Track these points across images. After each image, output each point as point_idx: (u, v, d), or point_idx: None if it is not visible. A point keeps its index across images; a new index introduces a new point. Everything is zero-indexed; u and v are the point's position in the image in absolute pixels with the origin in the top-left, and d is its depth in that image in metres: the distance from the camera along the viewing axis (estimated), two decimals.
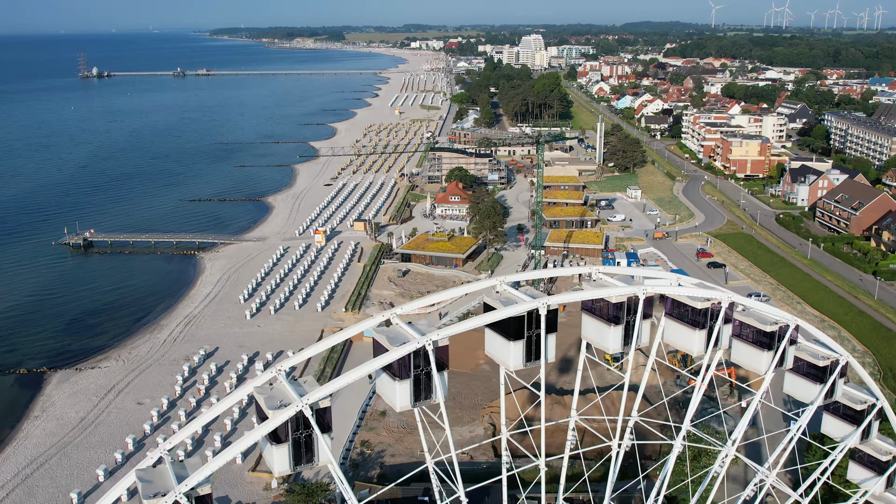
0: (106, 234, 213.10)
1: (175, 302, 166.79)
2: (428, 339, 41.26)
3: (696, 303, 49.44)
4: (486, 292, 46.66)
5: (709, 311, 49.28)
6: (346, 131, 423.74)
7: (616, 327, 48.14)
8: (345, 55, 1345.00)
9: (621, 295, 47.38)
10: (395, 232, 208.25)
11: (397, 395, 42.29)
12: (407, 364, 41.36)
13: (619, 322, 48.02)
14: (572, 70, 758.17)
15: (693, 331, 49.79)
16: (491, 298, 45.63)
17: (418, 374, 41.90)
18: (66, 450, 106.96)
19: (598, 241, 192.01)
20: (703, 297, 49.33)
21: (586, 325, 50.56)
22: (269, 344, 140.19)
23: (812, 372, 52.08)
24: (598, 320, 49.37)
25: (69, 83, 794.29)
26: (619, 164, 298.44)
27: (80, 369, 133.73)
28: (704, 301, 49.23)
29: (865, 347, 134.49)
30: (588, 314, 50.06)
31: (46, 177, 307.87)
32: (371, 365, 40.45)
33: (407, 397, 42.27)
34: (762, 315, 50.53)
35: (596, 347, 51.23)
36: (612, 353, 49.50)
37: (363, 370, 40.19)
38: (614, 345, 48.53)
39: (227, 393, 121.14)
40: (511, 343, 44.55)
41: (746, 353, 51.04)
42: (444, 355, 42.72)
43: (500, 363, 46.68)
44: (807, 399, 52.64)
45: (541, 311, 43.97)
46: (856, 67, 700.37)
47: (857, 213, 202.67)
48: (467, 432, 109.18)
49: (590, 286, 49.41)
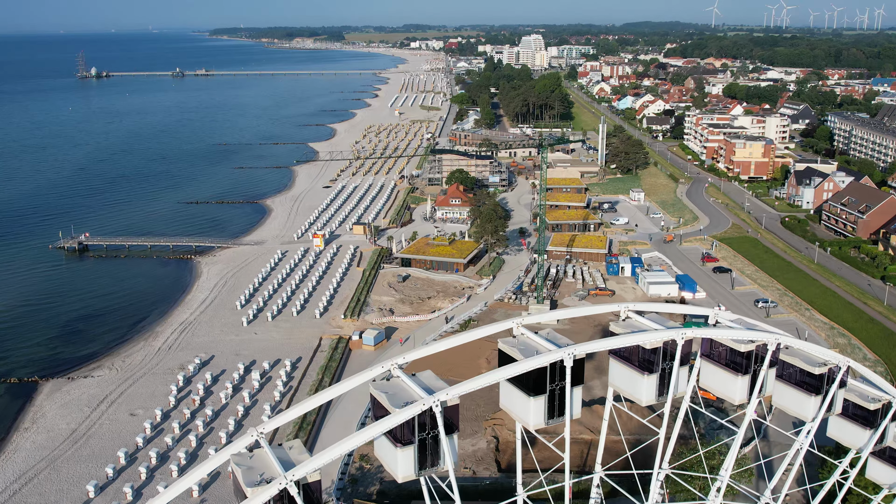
0: (101, 238, 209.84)
1: (170, 308, 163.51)
2: (435, 400, 36.39)
3: (738, 345, 43.98)
4: (501, 338, 41.62)
5: (753, 355, 43.80)
6: (345, 132, 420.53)
7: (650, 376, 42.82)
8: (344, 55, 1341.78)
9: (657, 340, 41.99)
10: (395, 235, 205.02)
11: (399, 464, 37.07)
12: (411, 427, 36.40)
13: (654, 370, 42.66)
14: (573, 70, 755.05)
15: (735, 376, 44.23)
16: (507, 346, 40.71)
17: (424, 438, 36.85)
18: (55, 464, 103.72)
19: (601, 246, 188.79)
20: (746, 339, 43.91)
21: (615, 371, 45.09)
22: (265, 352, 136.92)
23: (861, 415, 47.14)
24: (628, 367, 43.93)
25: (67, 83, 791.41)
26: (622, 165, 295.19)
27: (72, 378, 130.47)
28: (748, 343, 43.72)
29: (877, 356, 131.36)
30: (616, 359, 44.64)
31: (43, 179, 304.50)
32: (372, 430, 35.68)
33: (410, 466, 37.15)
34: (809, 355, 45.40)
35: (625, 397, 45.74)
36: (645, 403, 44.04)
37: (360, 438, 35.51)
38: (648, 396, 43.36)
39: (223, 403, 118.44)
40: (531, 399, 39.67)
41: (791, 397, 45.86)
42: (454, 415, 38.02)
43: (518, 420, 41.71)
44: (855, 445, 47.85)
45: (566, 363, 39.12)
46: (857, 68, 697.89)
47: (865, 216, 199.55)
48: (469, 446, 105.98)
49: (619, 327, 44.39)
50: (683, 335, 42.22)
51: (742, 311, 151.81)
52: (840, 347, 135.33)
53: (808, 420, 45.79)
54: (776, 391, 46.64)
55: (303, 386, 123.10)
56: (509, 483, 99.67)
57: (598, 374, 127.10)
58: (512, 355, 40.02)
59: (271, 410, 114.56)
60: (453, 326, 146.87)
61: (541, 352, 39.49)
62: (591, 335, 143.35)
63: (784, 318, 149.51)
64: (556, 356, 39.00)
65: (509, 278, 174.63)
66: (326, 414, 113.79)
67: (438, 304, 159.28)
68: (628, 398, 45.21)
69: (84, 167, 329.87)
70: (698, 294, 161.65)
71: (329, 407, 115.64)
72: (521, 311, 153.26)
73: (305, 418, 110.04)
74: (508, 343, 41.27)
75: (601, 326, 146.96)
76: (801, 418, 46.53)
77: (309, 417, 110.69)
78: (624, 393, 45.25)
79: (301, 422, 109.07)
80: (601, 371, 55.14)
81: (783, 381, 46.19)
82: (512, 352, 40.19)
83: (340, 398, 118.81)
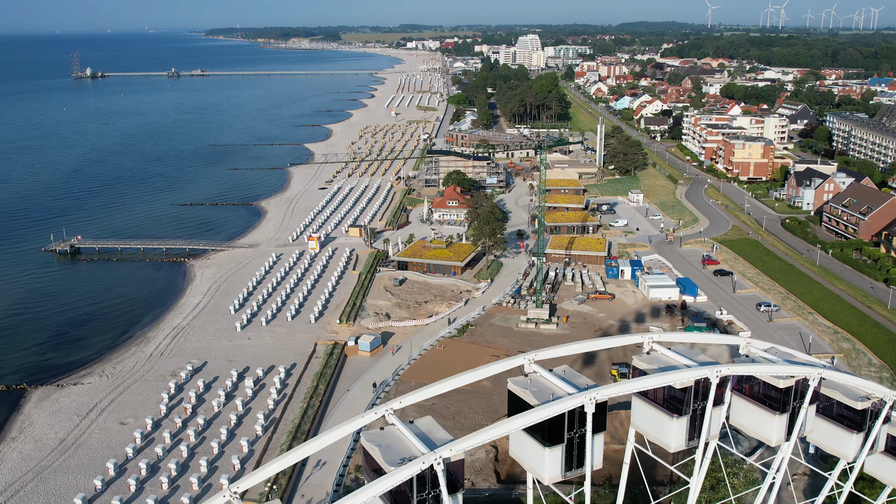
0: (93, 241, 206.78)
1: (163, 312, 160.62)
2: (437, 457, 32.30)
3: (776, 379, 39.60)
4: (511, 378, 37.08)
5: (793, 391, 39.52)
6: (341, 133, 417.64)
7: (680, 419, 38.15)
8: (340, 55, 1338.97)
9: (688, 379, 37.34)
10: (392, 238, 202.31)
11: None
12: (409, 488, 32.35)
13: (685, 412, 37.95)
14: (569, 70, 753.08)
15: (772, 415, 39.69)
16: (519, 387, 36.18)
17: (424, 499, 32.87)
18: (43, 475, 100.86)
19: (600, 248, 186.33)
20: (785, 374, 39.60)
21: (638, 411, 40.45)
22: (259, 358, 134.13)
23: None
24: (654, 408, 39.15)
25: (62, 84, 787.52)
26: (620, 166, 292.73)
27: (61, 385, 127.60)
28: (787, 378, 39.54)
29: (882, 361, 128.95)
30: (640, 399, 40.13)
31: (37, 180, 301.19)
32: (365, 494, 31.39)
33: None
34: (850, 388, 41.51)
35: (650, 441, 40.94)
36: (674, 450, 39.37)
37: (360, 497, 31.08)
38: (677, 441, 38.76)
39: (216, 412, 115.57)
40: (546, 449, 35.34)
41: (829, 434, 41.77)
42: (459, 471, 34.40)
43: (530, 472, 37.28)
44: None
45: (587, 408, 34.71)
46: (854, 67, 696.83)
47: (866, 217, 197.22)
48: (467, 456, 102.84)
49: (643, 361, 39.72)
50: (718, 372, 37.79)
51: (744, 315, 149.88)
52: (844, 352, 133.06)
53: (847, 459, 41.85)
54: (813, 428, 42.68)
55: (297, 394, 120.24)
56: (509, 495, 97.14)
57: (599, 380, 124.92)
58: (525, 399, 35.70)
59: (264, 419, 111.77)
60: (451, 332, 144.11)
61: (557, 394, 35.20)
62: (590, 339, 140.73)
63: (787, 322, 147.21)
64: (575, 402, 34.65)
65: (507, 282, 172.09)
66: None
67: (435, 308, 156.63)
68: (654, 441, 40.72)
69: (78, 169, 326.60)
70: (699, 298, 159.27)
71: (321, 421, 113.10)
72: (520, 316, 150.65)
73: (298, 430, 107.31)
74: (520, 384, 36.73)
75: (601, 330, 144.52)
76: (840, 457, 42.65)
77: (303, 428, 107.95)
78: (649, 436, 40.68)
79: (291, 441, 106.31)
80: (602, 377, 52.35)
81: (820, 416, 42.37)
82: (524, 394, 35.82)
83: (332, 410, 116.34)
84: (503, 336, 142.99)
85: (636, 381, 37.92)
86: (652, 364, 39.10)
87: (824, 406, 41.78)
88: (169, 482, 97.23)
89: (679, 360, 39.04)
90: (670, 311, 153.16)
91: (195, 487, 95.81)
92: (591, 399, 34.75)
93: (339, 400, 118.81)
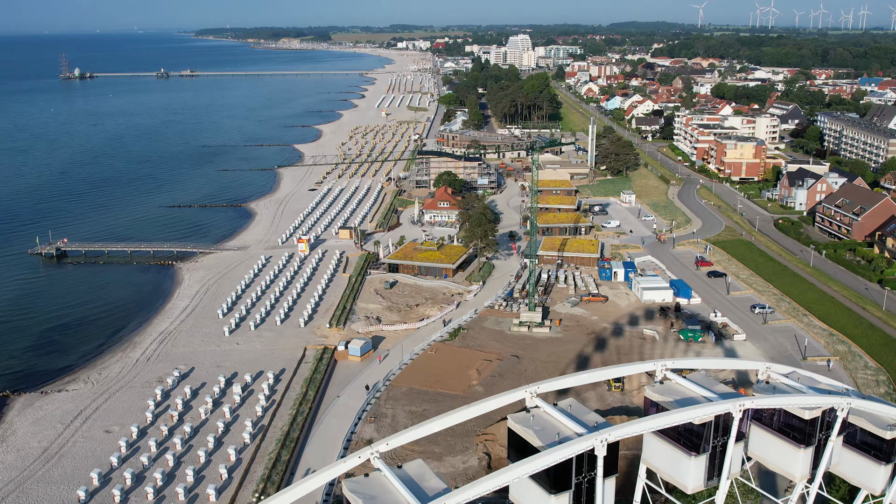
0: (80, 244, 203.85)
1: (150, 317, 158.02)
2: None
3: (801, 410, 36.40)
4: (512, 416, 33.58)
5: (819, 422, 36.27)
6: (331, 133, 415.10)
7: (698, 458, 34.86)
8: (331, 55, 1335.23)
9: (709, 414, 33.85)
10: (382, 240, 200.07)
11: None
12: None
13: (704, 449, 34.57)
14: (560, 70, 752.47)
15: (797, 449, 36.49)
16: (520, 425, 32.95)
17: None
18: (25, 486, 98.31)
19: (593, 250, 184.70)
20: (814, 405, 36.22)
21: (651, 447, 37.10)
22: (248, 364, 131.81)
23: None
24: (670, 444, 35.70)
25: (50, 84, 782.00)
26: (612, 167, 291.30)
27: (45, 392, 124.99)
28: (814, 408, 36.33)
29: (878, 364, 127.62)
30: (654, 434, 36.76)
31: (23, 182, 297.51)
32: None
33: None
34: (878, 416, 38.32)
35: (664, 479, 37.58)
36: (692, 491, 36.02)
37: None
38: (695, 481, 35.60)
39: (203, 419, 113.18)
40: (552, 497, 32.04)
41: (855, 465, 38.63)
42: None
43: None
44: None
45: (598, 451, 31.37)
46: (844, 67, 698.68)
47: (859, 218, 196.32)
48: (460, 463, 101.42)
49: (657, 392, 36.02)
50: (741, 406, 34.44)
51: (738, 317, 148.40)
52: (840, 355, 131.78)
53: (874, 492, 38.92)
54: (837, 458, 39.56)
55: (286, 400, 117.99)
56: (503, 503, 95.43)
57: (593, 385, 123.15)
58: (527, 439, 32.34)
59: (252, 426, 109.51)
60: (442, 335, 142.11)
61: (563, 434, 31.99)
62: (584, 344, 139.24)
63: (782, 325, 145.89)
64: (584, 445, 31.31)
65: (499, 284, 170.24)
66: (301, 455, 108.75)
67: (427, 311, 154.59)
68: (669, 481, 37.45)
69: (65, 170, 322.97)
70: (693, 300, 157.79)
71: (310, 429, 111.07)
72: (513, 319, 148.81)
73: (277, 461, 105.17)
74: (521, 421, 33.48)
75: (595, 334, 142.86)
76: (865, 489, 39.85)
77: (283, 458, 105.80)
78: (663, 475, 37.43)
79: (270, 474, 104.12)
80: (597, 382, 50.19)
81: (846, 446, 39.22)
82: (527, 434, 32.44)
83: (322, 417, 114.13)
84: (495, 340, 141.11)
85: (654, 419, 34.49)
86: (666, 395, 35.93)
87: (848, 434, 38.97)
88: (154, 493, 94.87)
89: (696, 390, 35.87)
90: (664, 313, 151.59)
91: (181, 498, 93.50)
92: (602, 441, 31.44)
93: (329, 406, 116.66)
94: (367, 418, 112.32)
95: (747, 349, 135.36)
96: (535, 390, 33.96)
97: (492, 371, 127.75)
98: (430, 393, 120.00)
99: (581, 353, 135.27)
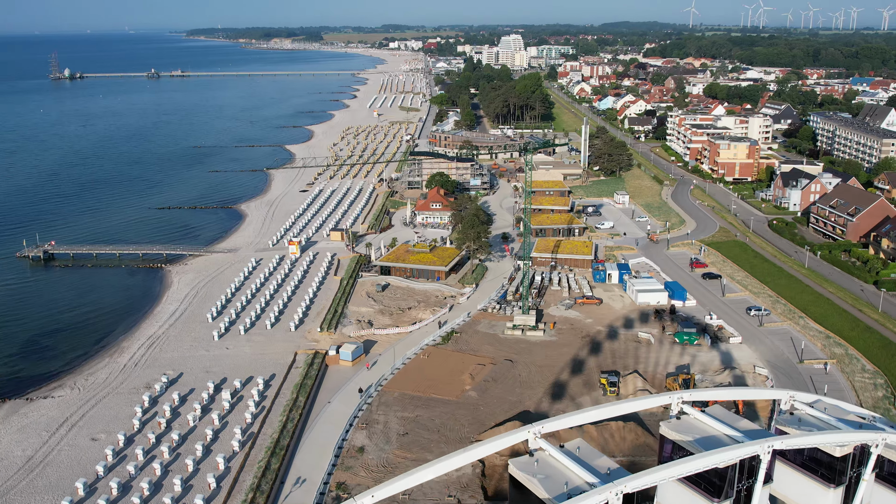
0: (68, 246, 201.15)
1: (138, 321, 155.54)
2: None
3: (832, 448, 33.26)
4: (514, 460, 30.19)
5: (850, 458, 33.26)
6: (323, 134, 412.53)
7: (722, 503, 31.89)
8: (322, 56, 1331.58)
9: (734, 458, 30.51)
10: (374, 242, 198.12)
11: None
12: None
13: (727, 495, 31.54)
14: (552, 70, 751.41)
15: (826, 489, 33.68)
16: (524, 472, 29.82)
17: None
18: (8, 497, 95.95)
19: (587, 252, 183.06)
20: (846, 442, 33.25)
21: (667, 493, 33.84)
22: (237, 369, 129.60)
23: None
24: (688, 489, 32.52)
25: (40, 85, 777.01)
26: (605, 167, 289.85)
27: (31, 399, 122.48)
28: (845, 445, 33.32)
29: (875, 367, 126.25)
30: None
31: (12, 184, 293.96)
32: None
33: None
34: None
35: None
36: None
37: None
38: None
39: (191, 426, 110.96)
40: None
41: (884, 500, 35.76)
42: None
43: None
44: None
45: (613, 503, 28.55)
46: (835, 67, 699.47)
47: (854, 218, 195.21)
48: (453, 471, 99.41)
49: (673, 429, 32.41)
50: (770, 447, 31.09)
51: (734, 320, 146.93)
52: (837, 358, 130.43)
53: None
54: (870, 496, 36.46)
55: (276, 406, 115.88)
56: None
57: (588, 388, 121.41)
58: (532, 489, 29.35)
59: (242, 434, 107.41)
60: (435, 339, 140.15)
61: (572, 483, 29.16)
62: (579, 347, 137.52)
63: (778, 327, 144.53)
64: (598, 499, 28.21)
65: (493, 287, 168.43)
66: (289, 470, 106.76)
67: (419, 314, 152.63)
68: None
69: (54, 172, 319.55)
70: (688, 302, 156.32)
71: (300, 436, 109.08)
72: (506, 322, 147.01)
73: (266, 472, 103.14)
74: (524, 468, 30.34)
75: (589, 338, 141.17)
76: None
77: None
78: None
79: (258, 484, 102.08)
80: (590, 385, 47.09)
81: (878, 482, 35.88)
82: (531, 483, 29.38)
83: (313, 423, 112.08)
84: (489, 343, 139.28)
85: (675, 467, 30.88)
86: (684, 434, 32.63)
87: (881, 469, 35.55)
88: (141, 503, 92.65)
89: (717, 427, 32.63)
90: (659, 316, 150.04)
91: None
92: (616, 494, 28.37)
93: (320, 412, 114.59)
94: (359, 425, 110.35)
95: (743, 352, 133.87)
96: (538, 430, 30.80)
97: (485, 375, 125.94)
98: (423, 398, 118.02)
99: (575, 356, 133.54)
